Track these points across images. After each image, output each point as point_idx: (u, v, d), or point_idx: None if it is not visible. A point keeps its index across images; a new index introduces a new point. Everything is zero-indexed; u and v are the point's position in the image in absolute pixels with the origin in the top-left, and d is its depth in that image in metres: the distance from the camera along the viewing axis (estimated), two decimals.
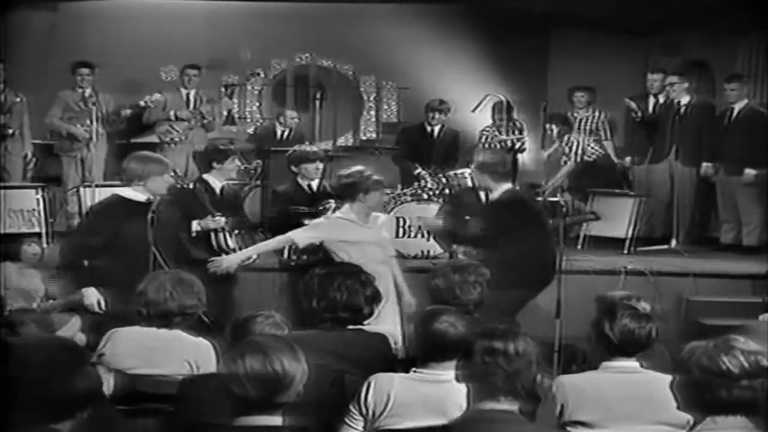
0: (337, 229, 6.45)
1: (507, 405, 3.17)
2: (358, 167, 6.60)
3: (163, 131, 9.75)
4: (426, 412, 3.78)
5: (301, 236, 6.57)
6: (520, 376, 3.17)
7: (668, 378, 3.68)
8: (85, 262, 6.13)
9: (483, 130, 10.05)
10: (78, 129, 9.46)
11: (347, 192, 6.49)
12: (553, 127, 9.79)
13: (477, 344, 3.22)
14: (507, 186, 6.81)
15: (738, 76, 9.50)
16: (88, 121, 9.44)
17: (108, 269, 5.99)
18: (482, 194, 7.20)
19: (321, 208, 7.23)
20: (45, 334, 6.07)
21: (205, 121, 9.91)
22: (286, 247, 7.26)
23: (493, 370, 3.16)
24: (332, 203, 7.21)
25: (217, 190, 7.20)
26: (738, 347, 3.09)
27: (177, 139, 9.68)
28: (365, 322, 4.71)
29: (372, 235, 6.49)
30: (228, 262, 6.68)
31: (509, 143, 9.75)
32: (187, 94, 9.94)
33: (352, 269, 4.88)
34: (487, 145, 9.76)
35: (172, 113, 9.77)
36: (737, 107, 9.16)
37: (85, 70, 9.65)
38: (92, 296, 6.02)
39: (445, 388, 3.67)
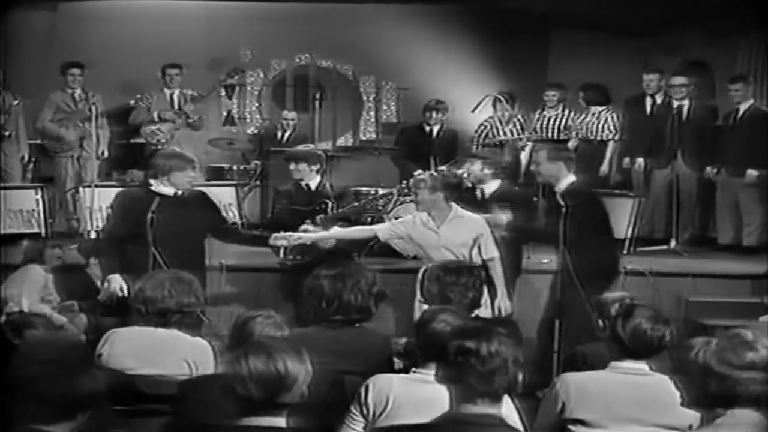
0: (412, 229, 6.54)
1: (485, 408, 3.15)
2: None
3: (149, 133, 9.74)
4: (425, 413, 3.76)
5: (385, 230, 6.74)
6: (496, 377, 3.14)
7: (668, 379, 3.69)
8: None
9: (483, 122, 10.03)
10: (67, 132, 9.47)
11: None
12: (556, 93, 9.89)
13: (450, 344, 3.20)
14: (573, 177, 6.80)
15: (742, 77, 9.48)
16: (79, 122, 9.47)
17: (134, 258, 6.21)
18: (478, 192, 7.20)
19: (316, 207, 7.23)
20: (51, 333, 6.17)
21: (191, 121, 9.88)
22: (282, 247, 7.27)
23: (466, 370, 3.14)
24: (328, 203, 7.21)
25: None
26: (749, 341, 3.07)
27: (163, 140, 9.66)
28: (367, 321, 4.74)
29: (435, 239, 6.42)
30: (286, 239, 6.73)
31: (509, 133, 9.78)
32: (171, 95, 9.92)
33: (358, 269, 4.89)
34: (483, 138, 9.83)
35: (155, 114, 9.75)
36: (742, 108, 9.15)
37: (75, 71, 9.66)
38: (115, 282, 6.24)
39: (443, 389, 3.66)
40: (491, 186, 7.22)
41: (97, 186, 8.77)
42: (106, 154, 9.79)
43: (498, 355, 3.15)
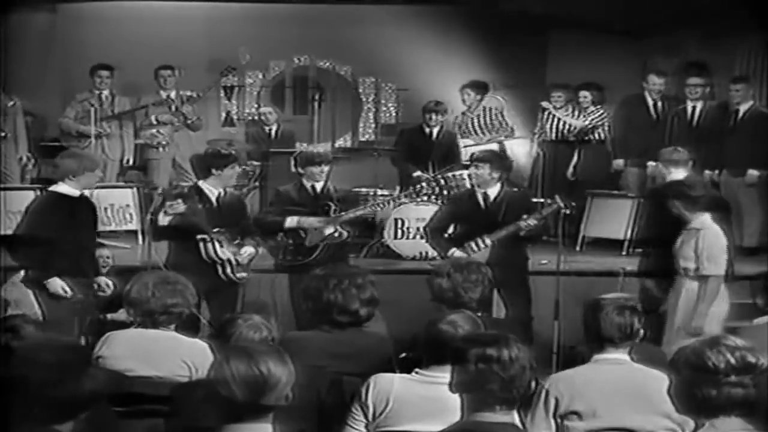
0: None
1: (502, 415, 3.17)
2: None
3: (148, 136, 9.74)
4: (425, 414, 3.79)
5: None
6: (516, 383, 3.17)
7: (659, 372, 3.71)
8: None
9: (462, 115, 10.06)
10: (88, 127, 9.50)
11: None
12: (587, 94, 9.84)
13: (470, 352, 3.21)
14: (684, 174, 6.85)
15: (744, 77, 9.49)
16: (104, 123, 9.51)
17: (56, 261, 6.27)
18: (480, 197, 7.08)
19: (318, 210, 7.13)
20: (47, 335, 6.17)
21: (189, 122, 9.87)
22: (282, 248, 7.23)
23: (488, 377, 3.16)
24: (331, 206, 7.16)
25: (213, 199, 6.96)
26: (724, 343, 3.09)
27: (163, 143, 9.66)
28: (365, 325, 4.73)
29: (677, 243, 6.34)
30: None
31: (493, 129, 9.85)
32: (168, 96, 9.92)
33: (348, 271, 4.88)
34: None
35: (153, 117, 9.74)
36: (742, 109, 9.15)
37: (104, 73, 9.72)
38: (56, 284, 6.27)
39: (444, 390, 3.67)
40: (494, 190, 7.08)
41: (98, 187, 8.75)
42: (131, 161, 9.89)
43: (517, 361, 3.19)
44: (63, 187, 6.34)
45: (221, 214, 6.91)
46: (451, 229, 7.26)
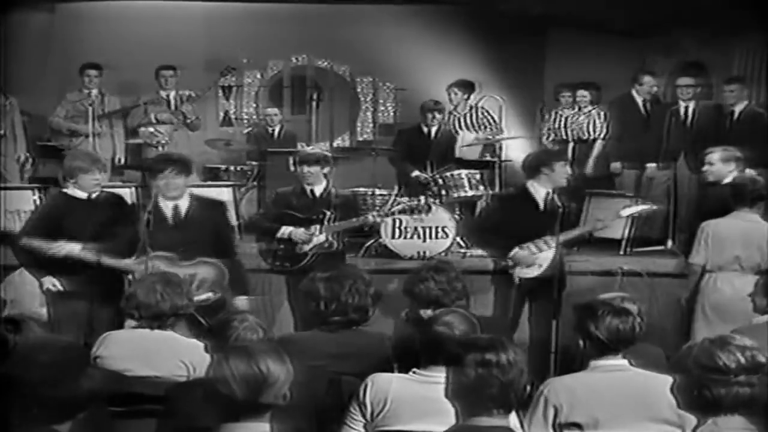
0: None
1: (499, 419, 3.16)
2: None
3: (147, 135, 9.73)
4: (423, 413, 3.79)
5: None
6: (513, 386, 3.18)
7: (659, 376, 3.70)
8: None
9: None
10: (79, 125, 9.49)
11: None
12: (586, 94, 9.84)
13: (468, 357, 3.20)
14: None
15: (738, 78, 9.49)
16: (95, 122, 9.52)
17: (60, 260, 6.17)
18: (540, 196, 6.78)
19: (314, 216, 6.94)
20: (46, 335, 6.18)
21: (188, 121, 9.86)
22: (272, 253, 7.12)
23: (488, 381, 3.16)
24: (326, 213, 6.94)
25: (169, 215, 6.33)
26: (734, 344, 3.09)
27: (162, 142, 9.66)
28: (365, 323, 4.75)
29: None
30: None
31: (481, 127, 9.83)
32: (167, 96, 9.91)
33: (354, 272, 4.90)
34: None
35: (152, 116, 9.74)
36: (737, 109, 9.15)
37: (93, 72, 9.69)
38: (48, 282, 6.25)
39: (442, 390, 3.67)
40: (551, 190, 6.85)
41: None
42: (122, 160, 9.89)
43: (515, 365, 3.19)
44: (70, 189, 6.28)
45: (183, 231, 6.26)
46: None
